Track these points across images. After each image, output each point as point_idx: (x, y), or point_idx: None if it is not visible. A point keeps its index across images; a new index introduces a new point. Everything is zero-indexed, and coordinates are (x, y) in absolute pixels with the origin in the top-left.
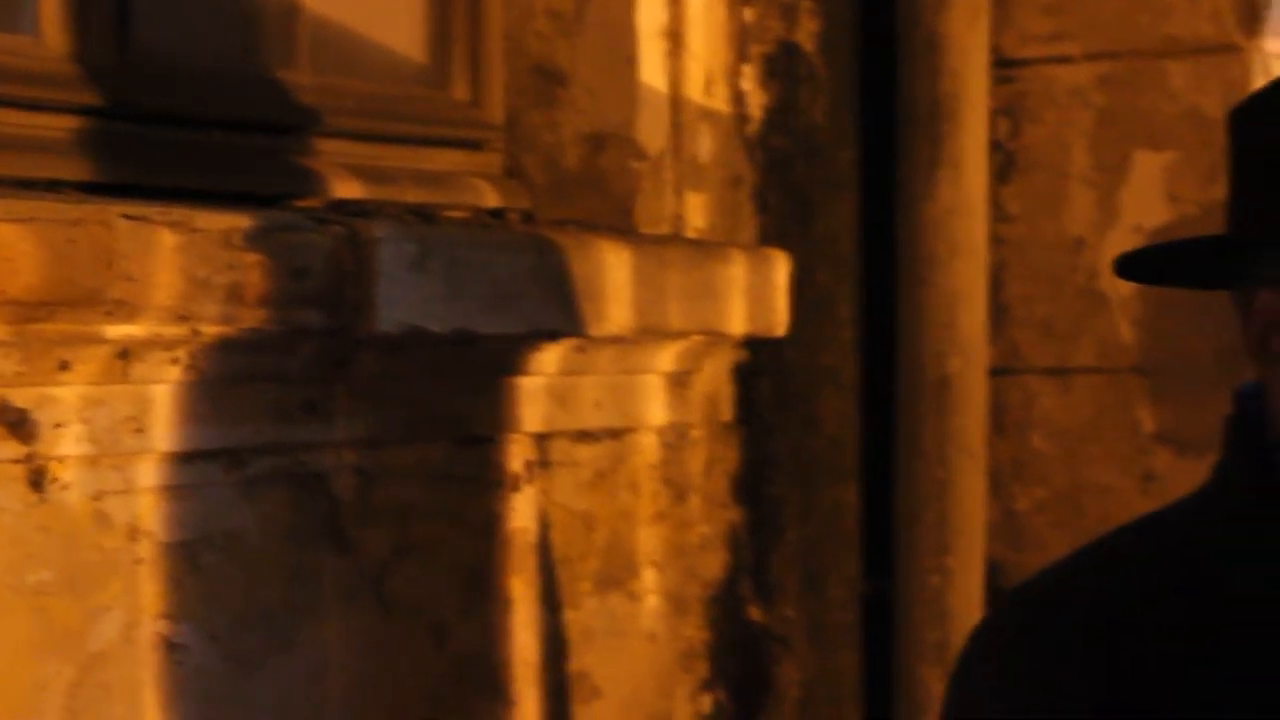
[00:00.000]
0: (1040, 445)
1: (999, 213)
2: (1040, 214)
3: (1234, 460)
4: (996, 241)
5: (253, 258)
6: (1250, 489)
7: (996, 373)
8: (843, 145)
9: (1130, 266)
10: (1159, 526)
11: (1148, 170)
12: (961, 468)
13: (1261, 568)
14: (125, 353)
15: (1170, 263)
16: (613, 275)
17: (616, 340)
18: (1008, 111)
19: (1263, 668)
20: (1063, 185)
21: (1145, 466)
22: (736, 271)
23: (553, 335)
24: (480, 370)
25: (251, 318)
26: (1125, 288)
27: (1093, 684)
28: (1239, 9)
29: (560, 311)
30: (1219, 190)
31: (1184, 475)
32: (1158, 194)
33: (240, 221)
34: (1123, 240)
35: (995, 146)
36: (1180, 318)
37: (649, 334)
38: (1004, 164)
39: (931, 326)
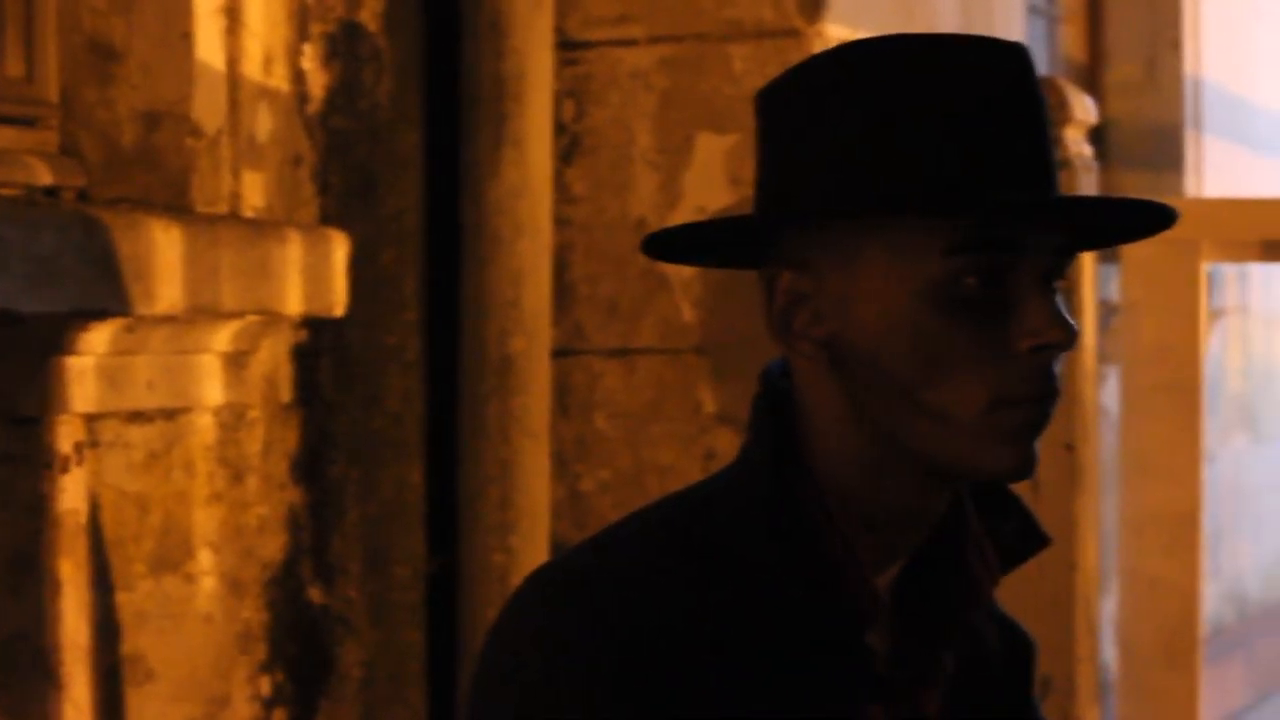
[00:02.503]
0: (604, 426)
1: (564, 194)
2: (604, 195)
3: (758, 439)
4: (561, 222)
5: None
6: (772, 468)
7: (561, 353)
8: (408, 125)
9: (660, 245)
10: (686, 506)
11: (710, 152)
12: (524, 448)
13: (780, 546)
14: None
15: (698, 242)
16: (163, 254)
17: (168, 320)
18: (573, 93)
19: (777, 649)
20: (627, 167)
21: (707, 446)
22: (293, 251)
23: (100, 314)
24: (26, 350)
25: None
26: (687, 269)
27: (616, 668)
28: None
29: (108, 290)
30: None
31: None
32: (720, 176)
33: None
34: (686, 221)
35: (560, 128)
36: (739, 298)
37: (202, 314)
38: (569, 145)
39: (495, 306)
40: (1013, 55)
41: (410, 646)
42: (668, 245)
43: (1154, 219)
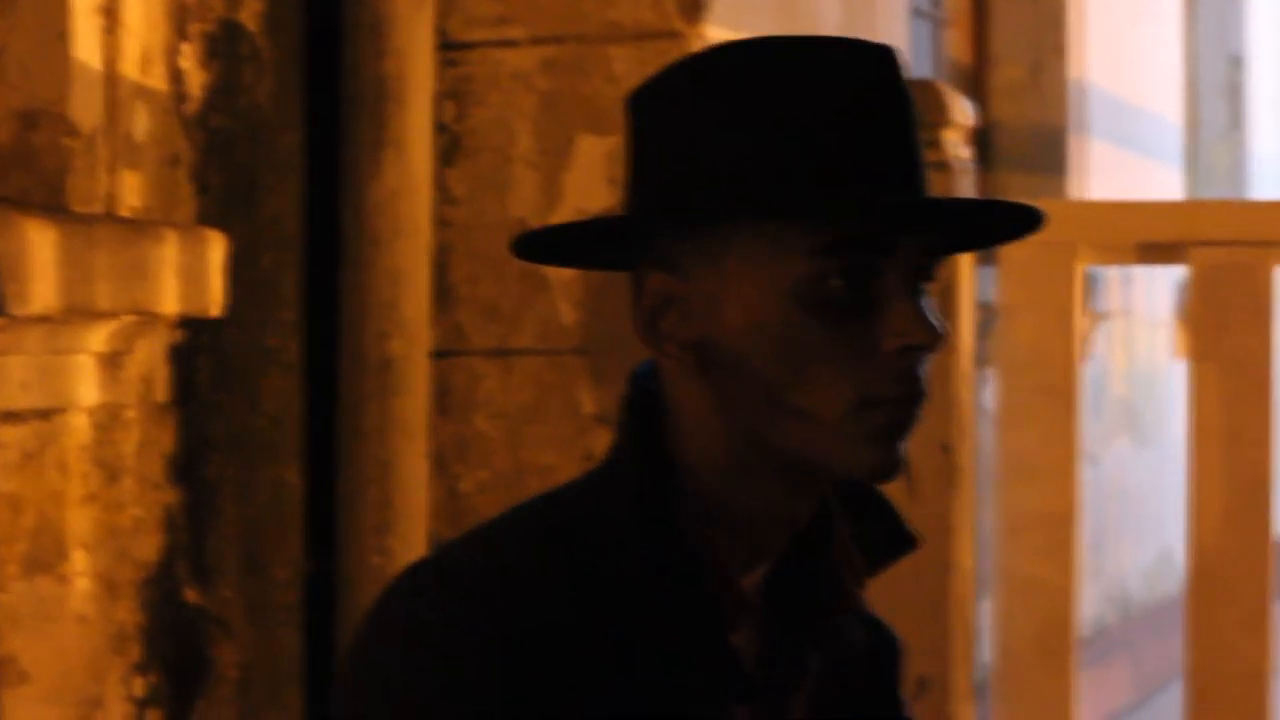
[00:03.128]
0: (483, 426)
1: (444, 195)
2: (485, 196)
3: (625, 440)
4: (442, 224)
5: None
6: (637, 469)
7: (441, 354)
8: (288, 126)
9: (531, 246)
10: (557, 505)
11: (590, 154)
12: (403, 449)
13: (645, 547)
14: None
15: (569, 243)
16: (37, 254)
17: (43, 320)
18: (453, 94)
19: (644, 649)
20: (507, 168)
21: (586, 447)
22: (169, 251)
23: None
24: None
25: None
26: (566, 270)
27: (500, 661)
28: None
29: None
30: None
31: None
32: (600, 177)
33: None
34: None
35: (441, 128)
36: (619, 300)
37: (77, 313)
38: (449, 146)
39: (374, 308)
40: (880, 56)
41: (288, 648)
42: (539, 246)
43: (1023, 221)
